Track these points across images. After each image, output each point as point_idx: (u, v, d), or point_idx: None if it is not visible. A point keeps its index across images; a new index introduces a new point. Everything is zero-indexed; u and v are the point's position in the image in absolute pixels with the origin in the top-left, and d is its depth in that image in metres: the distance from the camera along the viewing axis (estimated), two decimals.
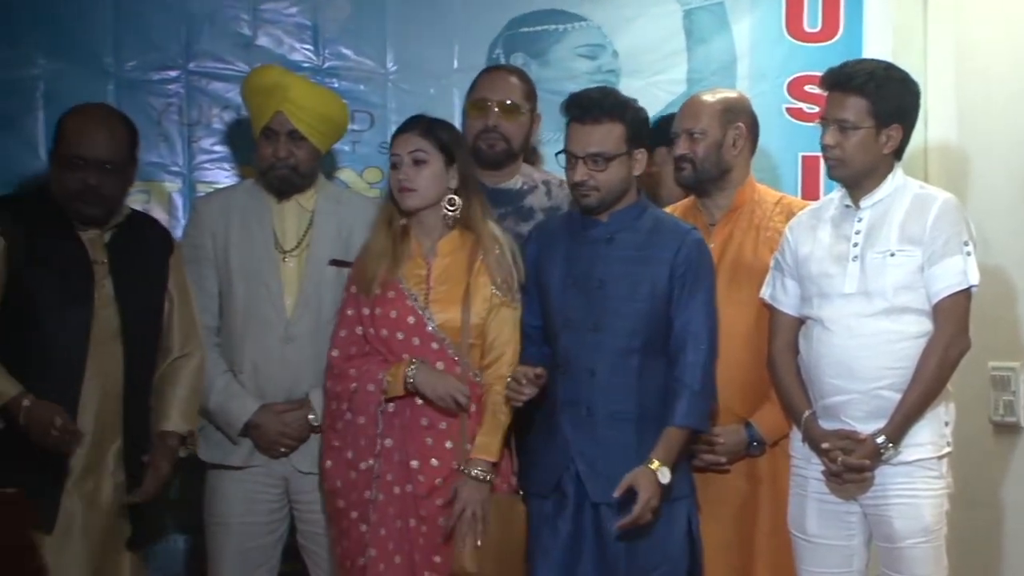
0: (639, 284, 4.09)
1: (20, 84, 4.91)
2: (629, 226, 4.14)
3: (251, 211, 4.44)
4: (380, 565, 4.08)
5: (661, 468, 3.98)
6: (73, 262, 4.07)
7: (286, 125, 4.37)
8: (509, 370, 4.12)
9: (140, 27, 4.97)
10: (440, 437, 4.12)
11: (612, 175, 4.09)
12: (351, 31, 5.08)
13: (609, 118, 4.07)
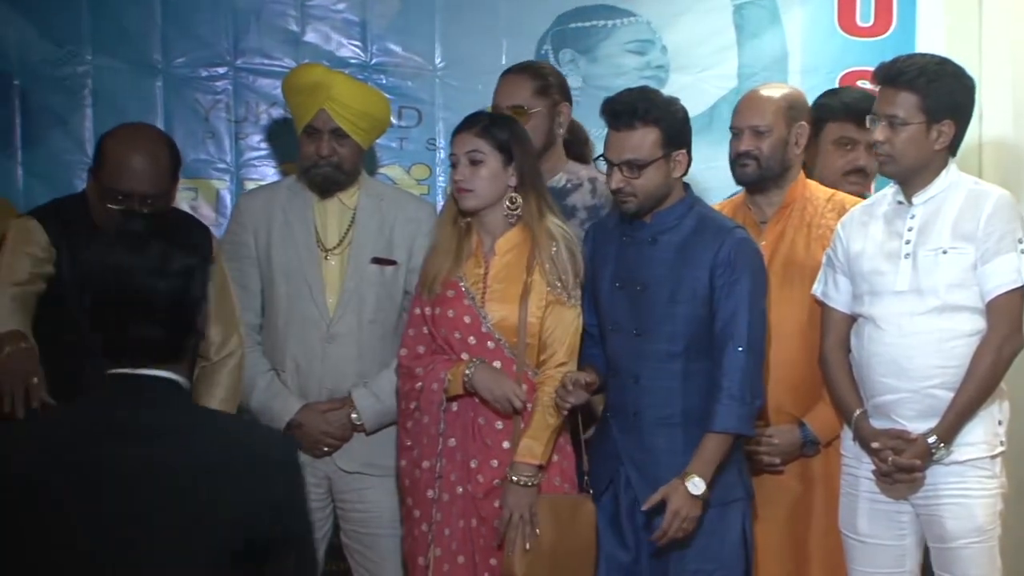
0: (680, 287, 4.04)
1: (69, 81, 4.94)
2: (672, 227, 4.08)
3: (293, 209, 4.42)
4: (444, 565, 4.08)
5: (692, 479, 3.94)
6: None
7: (329, 123, 4.34)
8: (559, 371, 4.09)
9: (188, 24, 5.00)
10: (498, 437, 4.10)
11: (649, 180, 4.03)
12: (399, 27, 5.08)
13: (643, 123, 4.01)
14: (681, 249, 4.06)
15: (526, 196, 4.14)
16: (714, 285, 4.02)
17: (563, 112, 4.54)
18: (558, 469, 4.13)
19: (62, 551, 2.53)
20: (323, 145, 4.35)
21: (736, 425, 3.99)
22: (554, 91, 4.52)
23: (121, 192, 3.93)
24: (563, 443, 4.16)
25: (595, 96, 4.81)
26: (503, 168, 4.12)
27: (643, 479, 4.04)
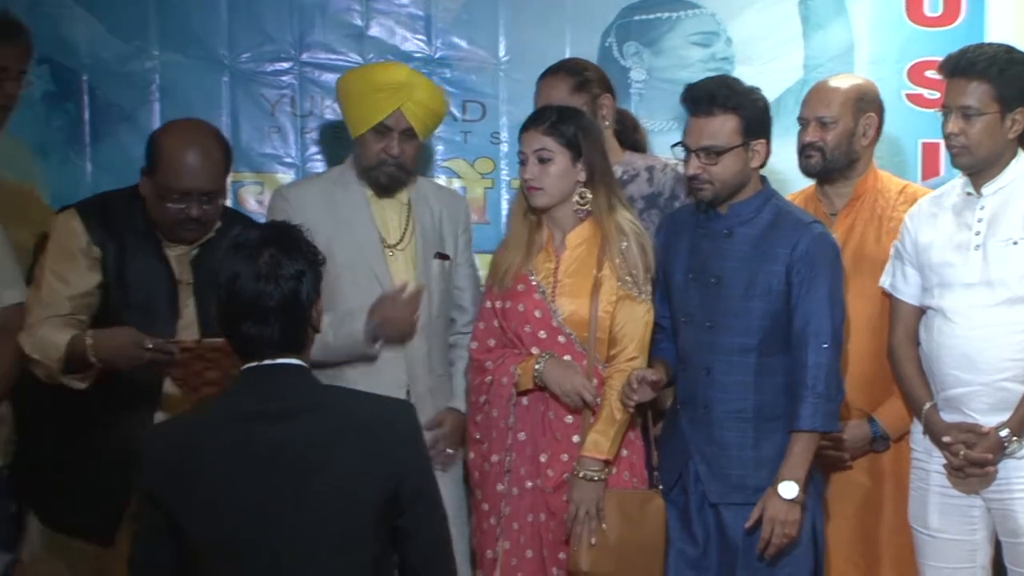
0: (756, 281, 4.01)
1: (136, 77, 4.97)
2: (748, 219, 4.05)
3: (348, 203, 4.38)
4: (512, 559, 4.09)
5: (784, 483, 3.92)
6: (158, 284, 4.04)
7: (402, 122, 4.31)
8: (629, 366, 4.07)
9: (254, 19, 5.01)
10: (567, 431, 4.10)
11: (725, 168, 4.01)
12: (464, 21, 5.07)
13: (722, 110, 3.99)
14: (758, 242, 4.03)
15: (596, 191, 4.13)
16: (791, 281, 3.98)
17: (606, 104, 4.50)
18: (627, 464, 4.12)
19: (227, 522, 2.89)
20: (393, 144, 4.31)
21: (823, 423, 3.96)
22: (593, 85, 4.49)
23: (179, 191, 3.95)
24: (633, 438, 4.15)
25: (659, 88, 4.83)
26: (572, 164, 4.11)
27: (712, 473, 4.03)
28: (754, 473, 4.01)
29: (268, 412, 2.96)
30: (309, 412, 2.99)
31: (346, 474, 2.95)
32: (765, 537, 3.93)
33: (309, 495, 2.92)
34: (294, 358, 3.03)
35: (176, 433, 3.04)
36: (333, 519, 2.93)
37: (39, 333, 3.92)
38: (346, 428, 2.99)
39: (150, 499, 2.95)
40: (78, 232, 4.01)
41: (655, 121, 4.92)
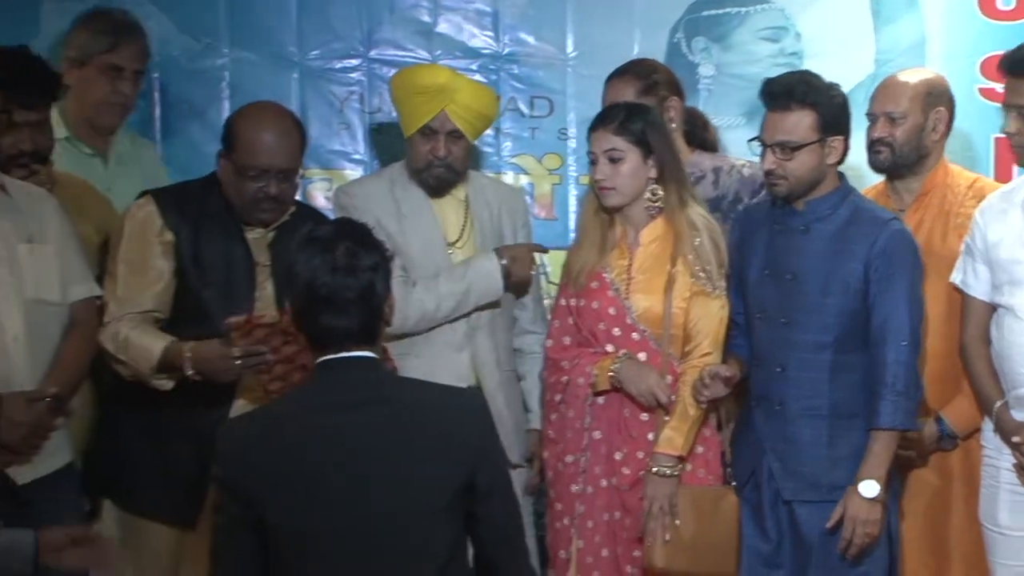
0: (833, 278, 3.99)
1: (207, 74, 5.03)
2: (825, 216, 4.02)
3: (409, 202, 4.40)
4: (588, 558, 4.08)
5: (864, 482, 3.90)
6: (236, 264, 4.08)
7: (447, 124, 4.32)
8: (703, 362, 4.05)
9: (323, 16, 5.05)
10: (643, 429, 4.08)
11: (801, 164, 3.97)
12: (531, 17, 5.08)
13: (799, 105, 3.96)
14: (835, 239, 4.00)
15: (667, 187, 4.11)
16: (869, 279, 3.96)
17: (673, 107, 4.46)
18: (703, 461, 4.12)
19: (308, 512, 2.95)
20: (440, 146, 4.33)
21: (903, 421, 3.93)
22: (661, 87, 4.46)
23: (257, 167, 4.00)
24: (709, 434, 4.14)
25: (728, 84, 4.81)
26: (643, 162, 4.09)
27: (785, 470, 4.01)
28: (828, 471, 3.98)
29: (346, 403, 3.02)
30: (386, 403, 3.05)
31: (422, 464, 3.01)
32: (847, 537, 3.91)
33: (387, 484, 2.98)
34: (368, 350, 3.07)
35: (255, 426, 3.09)
36: (410, 507, 2.98)
37: (124, 333, 3.96)
38: (422, 419, 3.05)
39: (231, 492, 3.01)
40: (152, 216, 4.06)
41: (723, 117, 4.90)
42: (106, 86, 4.59)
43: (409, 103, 4.38)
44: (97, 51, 4.58)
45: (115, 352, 3.98)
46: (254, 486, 2.98)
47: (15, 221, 3.86)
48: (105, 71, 4.58)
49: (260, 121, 4.06)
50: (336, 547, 2.97)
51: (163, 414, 4.05)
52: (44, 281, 3.87)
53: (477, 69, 5.04)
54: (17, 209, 3.88)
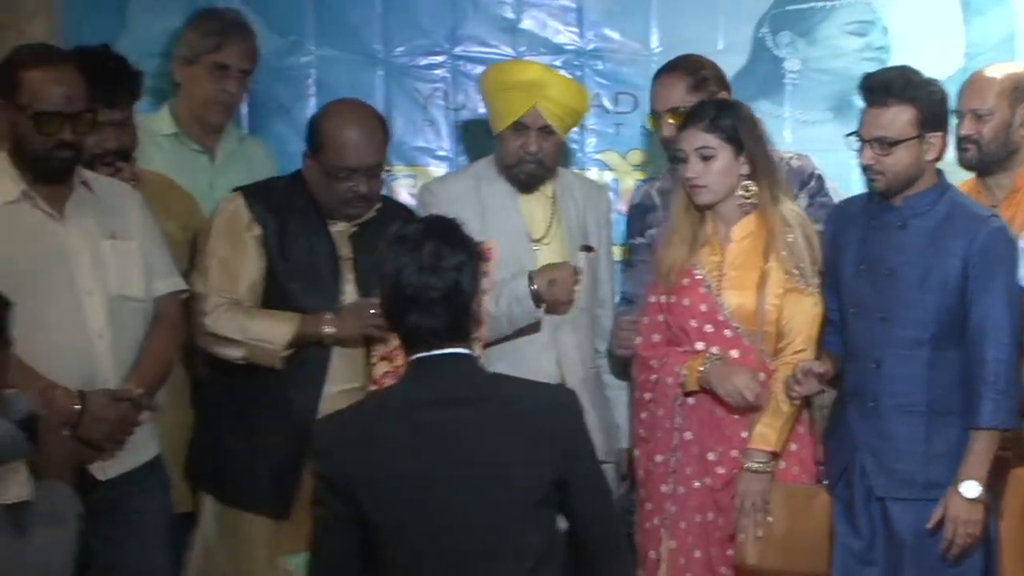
0: (930, 274, 3.95)
1: (293, 72, 5.05)
2: (923, 212, 3.99)
3: (495, 198, 4.43)
4: (680, 559, 4.07)
5: (965, 483, 3.87)
6: (321, 257, 4.13)
7: (539, 120, 4.33)
8: (796, 359, 4.03)
9: (408, 14, 5.06)
10: (736, 427, 4.07)
11: (898, 160, 3.94)
12: (616, 12, 5.07)
13: (898, 101, 3.92)
14: (933, 236, 3.96)
15: (760, 183, 4.08)
16: (968, 275, 3.92)
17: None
18: (797, 458, 4.09)
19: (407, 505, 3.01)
20: (531, 142, 4.35)
21: (1004, 420, 3.89)
22: (710, 83, 4.45)
23: (347, 168, 4.05)
24: (803, 432, 4.12)
25: (813, 79, 4.79)
26: (734, 159, 4.07)
27: (879, 468, 3.98)
28: (924, 468, 3.95)
29: (440, 399, 3.07)
30: (480, 400, 3.10)
31: (514, 460, 3.05)
32: (948, 537, 3.87)
33: (479, 480, 3.03)
34: (460, 347, 3.11)
35: (352, 422, 3.14)
36: (502, 504, 3.03)
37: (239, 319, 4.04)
38: (514, 415, 3.09)
39: (329, 487, 3.05)
40: (241, 210, 4.13)
41: (809, 112, 4.88)
42: (212, 85, 4.65)
43: (501, 99, 4.40)
44: (204, 50, 4.64)
45: (229, 335, 4.05)
46: (352, 481, 3.02)
47: (99, 218, 3.90)
48: (212, 70, 4.64)
49: (346, 121, 4.10)
50: (429, 542, 3.02)
51: (254, 406, 4.12)
52: (128, 277, 3.92)
53: (561, 65, 5.02)
54: (101, 205, 3.93)
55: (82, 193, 3.90)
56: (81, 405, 3.74)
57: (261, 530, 4.13)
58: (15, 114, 3.78)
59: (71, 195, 3.88)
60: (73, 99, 3.79)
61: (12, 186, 3.82)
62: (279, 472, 4.08)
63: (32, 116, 3.76)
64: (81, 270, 3.84)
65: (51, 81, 3.77)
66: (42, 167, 3.81)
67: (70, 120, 3.78)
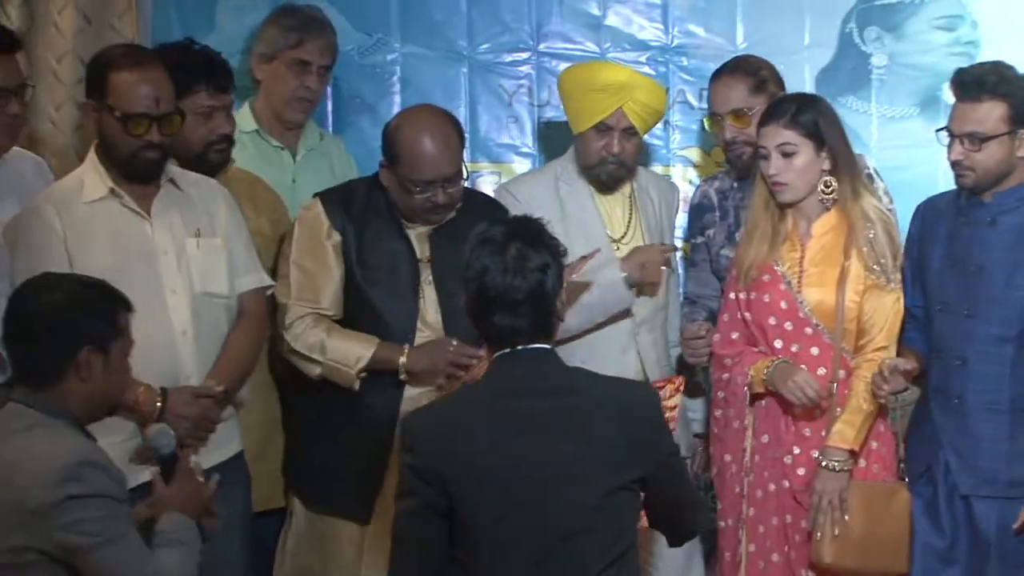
0: (1018, 271, 3.91)
1: (378, 69, 5.08)
2: (1013, 208, 3.95)
3: (574, 199, 4.43)
4: (759, 562, 4.07)
5: None
6: (400, 261, 4.15)
7: (623, 122, 4.34)
8: (877, 356, 4.00)
9: (492, 10, 5.07)
10: (816, 426, 4.05)
11: (989, 156, 3.89)
12: (701, 8, 5.05)
13: (990, 96, 3.88)
14: (1022, 232, 3.92)
15: (840, 179, 4.06)
16: None
17: None
18: (877, 456, 4.06)
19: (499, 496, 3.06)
20: (614, 143, 4.35)
21: None
22: (770, 84, 4.43)
23: (424, 181, 4.05)
24: (883, 430, 4.09)
25: (901, 75, 4.73)
26: (816, 155, 4.04)
27: (963, 465, 3.94)
28: (1008, 466, 3.91)
29: (525, 392, 3.13)
30: (564, 392, 3.16)
31: (600, 453, 3.11)
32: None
33: (567, 467, 3.09)
34: (542, 342, 3.17)
35: (442, 415, 3.20)
36: (587, 495, 3.09)
37: (318, 336, 4.08)
38: (598, 408, 3.15)
39: (420, 478, 3.09)
40: (320, 218, 4.15)
41: (896, 107, 4.82)
42: (293, 81, 4.67)
43: (585, 100, 4.39)
44: (284, 46, 4.67)
45: (308, 352, 4.08)
46: (442, 472, 3.07)
47: (185, 215, 3.95)
48: (291, 66, 4.67)
49: (420, 132, 4.09)
50: (516, 531, 3.07)
51: (337, 412, 4.15)
52: (212, 274, 3.96)
53: (646, 62, 5.03)
54: (188, 203, 3.98)
55: (169, 191, 3.95)
56: (162, 402, 3.79)
57: (349, 532, 4.18)
58: (103, 114, 3.84)
59: (158, 193, 3.93)
60: (160, 101, 3.84)
61: (100, 184, 3.88)
62: (362, 477, 4.12)
63: (120, 118, 3.81)
64: (166, 268, 3.89)
65: (139, 83, 3.82)
66: (129, 167, 3.87)
67: (157, 122, 3.83)
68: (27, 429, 3.12)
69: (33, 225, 3.84)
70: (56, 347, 3.15)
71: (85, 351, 3.16)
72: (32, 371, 3.17)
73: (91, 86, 3.88)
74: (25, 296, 3.22)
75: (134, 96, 3.81)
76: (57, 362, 3.15)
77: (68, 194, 3.89)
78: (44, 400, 3.15)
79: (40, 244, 3.81)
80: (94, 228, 3.85)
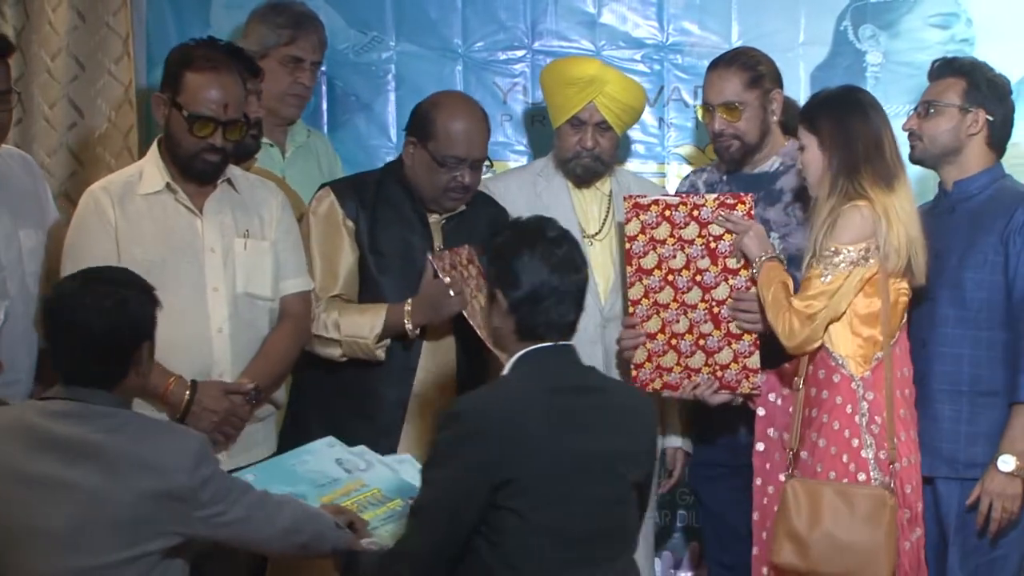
0: (969, 251, 4.00)
1: (373, 67, 5.09)
2: (972, 196, 4.06)
3: (550, 194, 4.46)
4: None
5: (1004, 456, 3.86)
6: (415, 249, 4.18)
7: (595, 116, 4.37)
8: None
9: (487, 8, 5.08)
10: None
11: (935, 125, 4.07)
12: (696, 6, 5.05)
13: (953, 73, 4.08)
14: (974, 215, 4.01)
15: None
16: (1008, 253, 3.93)
17: (776, 99, 4.39)
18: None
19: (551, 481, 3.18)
20: (587, 137, 4.38)
21: None
22: (766, 80, 4.39)
23: (457, 157, 4.12)
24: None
25: (896, 72, 4.74)
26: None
27: (925, 448, 3.96)
28: (967, 448, 3.96)
29: (565, 388, 3.27)
30: (597, 390, 3.34)
31: (624, 445, 3.29)
32: (983, 511, 3.88)
33: (600, 462, 3.24)
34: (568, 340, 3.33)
35: (493, 408, 3.25)
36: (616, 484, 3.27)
37: (332, 317, 4.11)
38: (624, 408, 3.35)
39: (480, 467, 3.17)
40: (334, 207, 4.19)
41: (891, 105, 4.79)
42: (287, 78, 4.68)
43: (559, 94, 4.43)
44: (276, 44, 4.68)
45: (326, 334, 4.11)
46: (504, 459, 3.16)
47: (237, 215, 3.99)
48: (285, 63, 4.67)
49: (459, 110, 4.18)
50: (551, 520, 3.19)
51: (344, 403, 4.17)
52: (256, 276, 3.99)
53: (641, 59, 5.04)
54: (242, 204, 4.02)
55: (225, 190, 4.00)
56: (191, 394, 3.81)
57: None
58: (172, 111, 3.88)
59: (213, 192, 3.97)
60: (229, 107, 3.88)
61: (158, 177, 3.93)
62: None
63: (187, 117, 3.85)
64: (211, 265, 3.93)
65: (211, 86, 3.87)
66: (188, 166, 3.92)
67: (223, 126, 3.87)
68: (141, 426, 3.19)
69: (89, 209, 3.90)
70: (119, 351, 3.18)
71: (143, 347, 3.22)
72: (95, 374, 3.18)
73: (166, 80, 3.91)
74: (70, 304, 3.18)
75: (204, 99, 3.85)
76: (122, 363, 3.19)
77: (126, 184, 3.94)
78: (111, 397, 3.19)
79: (91, 230, 3.88)
80: (146, 220, 3.91)
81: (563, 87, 4.42)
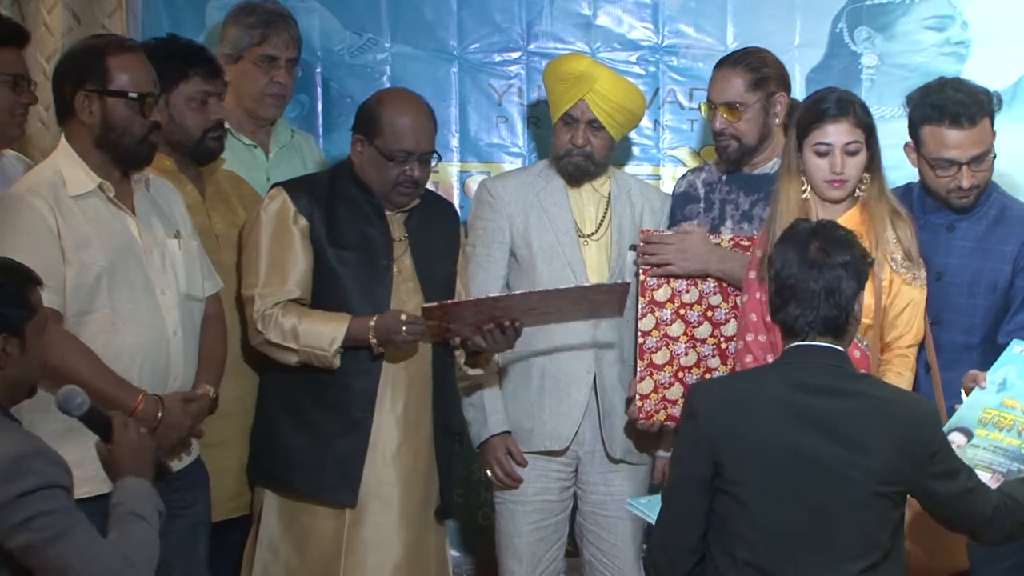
0: (980, 278, 3.97)
1: (368, 69, 5.08)
2: (971, 214, 4.02)
3: (548, 194, 4.46)
4: None
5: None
6: (373, 240, 4.17)
7: (587, 114, 4.37)
8: (910, 352, 4.00)
9: (483, 10, 5.08)
10: None
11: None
12: (691, 8, 5.05)
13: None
14: (982, 239, 3.97)
15: (873, 174, 4.04)
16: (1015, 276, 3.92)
17: (780, 103, 4.40)
18: None
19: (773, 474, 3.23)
20: (578, 135, 4.39)
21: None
22: (771, 82, 4.40)
23: (405, 151, 4.11)
24: None
25: (891, 75, 4.73)
26: (867, 152, 4.02)
27: None
28: None
29: (810, 386, 3.28)
30: (846, 396, 3.28)
31: (872, 453, 3.22)
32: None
33: (839, 464, 3.21)
34: (833, 342, 3.32)
35: (729, 391, 3.39)
36: (853, 490, 3.22)
37: (290, 322, 4.07)
38: (876, 418, 3.26)
39: (697, 446, 3.30)
40: (286, 205, 4.16)
41: (886, 107, 4.81)
42: (262, 78, 4.66)
43: (554, 90, 4.46)
44: (249, 44, 4.66)
45: (282, 341, 4.07)
46: (719, 444, 3.26)
47: (160, 216, 3.91)
48: (260, 63, 4.66)
49: (405, 106, 4.18)
50: (782, 515, 3.23)
51: (312, 397, 4.15)
52: (192, 277, 3.95)
53: (636, 61, 5.04)
54: (158, 205, 3.94)
55: (142, 190, 3.90)
56: (162, 413, 3.76)
57: (326, 520, 4.17)
58: (108, 99, 3.73)
59: (135, 192, 3.87)
60: (156, 82, 3.82)
61: (85, 178, 3.76)
62: (343, 460, 4.12)
63: (138, 98, 3.73)
64: (153, 268, 3.84)
65: (139, 64, 3.78)
66: (136, 153, 3.79)
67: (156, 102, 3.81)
68: None
69: (21, 215, 3.66)
70: None
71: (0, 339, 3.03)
72: None
73: (87, 75, 3.74)
74: None
75: (141, 76, 3.76)
76: None
77: (52, 187, 3.71)
78: None
79: (34, 237, 3.65)
80: (84, 225, 3.72)
81: (557, 83, 4.44)
